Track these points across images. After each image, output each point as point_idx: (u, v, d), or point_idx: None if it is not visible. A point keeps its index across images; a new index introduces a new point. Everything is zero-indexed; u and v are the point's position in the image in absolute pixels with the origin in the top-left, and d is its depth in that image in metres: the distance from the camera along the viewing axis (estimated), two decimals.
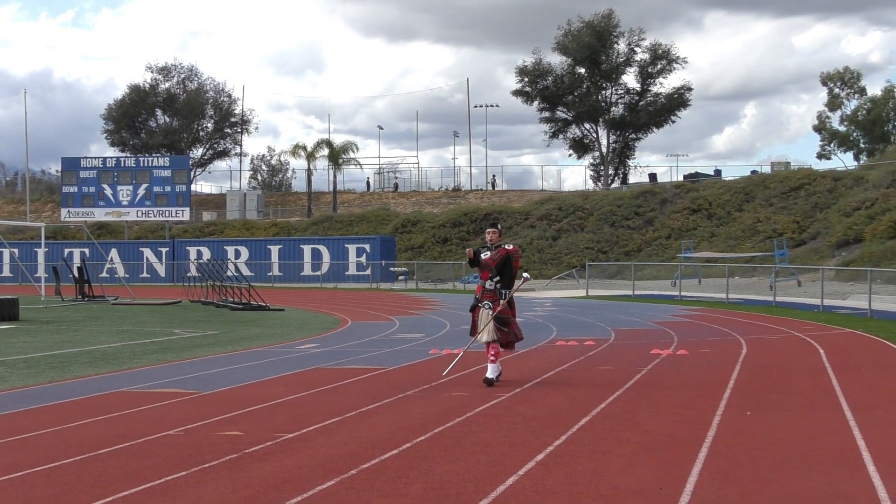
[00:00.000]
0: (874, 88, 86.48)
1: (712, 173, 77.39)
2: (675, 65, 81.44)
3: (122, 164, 72.88)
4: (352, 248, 61.25)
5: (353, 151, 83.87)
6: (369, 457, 8.43)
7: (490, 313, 12.92)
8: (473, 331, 13.52)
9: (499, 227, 13.60)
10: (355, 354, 18.26)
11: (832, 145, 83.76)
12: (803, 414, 10.67)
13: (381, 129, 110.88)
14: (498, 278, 13.04)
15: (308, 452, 8.71)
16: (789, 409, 11.06)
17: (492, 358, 13.08)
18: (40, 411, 11.38)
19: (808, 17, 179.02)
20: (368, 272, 58.65)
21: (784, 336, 21.09)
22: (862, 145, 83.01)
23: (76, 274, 43.17)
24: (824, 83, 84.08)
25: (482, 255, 13.20)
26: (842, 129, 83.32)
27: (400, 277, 58.14)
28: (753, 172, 73.48)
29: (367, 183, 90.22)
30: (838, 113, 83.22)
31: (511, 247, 13.36)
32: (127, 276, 60.07)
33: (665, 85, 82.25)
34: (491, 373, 13.05)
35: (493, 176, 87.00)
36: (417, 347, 19.60)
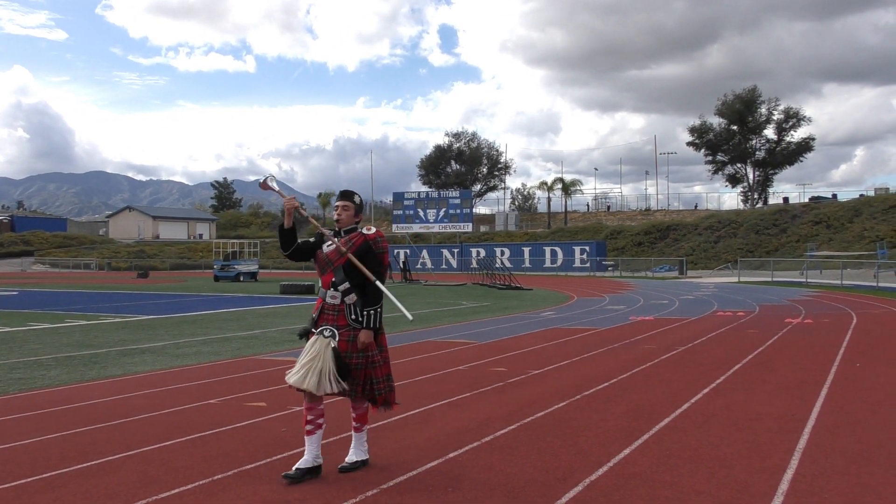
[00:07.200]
0: None
1: (830, 196, 72.22)
2: (801, 122, 77.00)
3: (430, 196, 74.62)
4: (577, 249, 60.55)
5: (578, 185, 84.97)
6: (588, 387, 8.35)
7: (331, 345, 4.89)
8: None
9: (355, 200, 5.17)
10: (579, 319, 18.09)
11: None
12: None
13: (597, 170, 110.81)
14: (347, 285, 4.98)
15: (547, 384, 8.70)
16: (888, 361, 10.21)
17: (355, 425, 5.24)
18: None
19: None
20: (588, 265, 57.98)
21: (884, 311, 19.43)
22: None
23: (402, 266, 44.81)
24: None
25: (324, 247, 5.11)
26: None
27: (609, 268, 57.12)
28: (861, 196, 68.09)
29: (587, 206, 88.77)
30: None
31: (372, 231, 5.16)
32: (432, 267, 61.73)
33: (795, 136, 77.69)
34: (353, 454, 5.17)
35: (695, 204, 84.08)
36: (620, 315, 19.21)
